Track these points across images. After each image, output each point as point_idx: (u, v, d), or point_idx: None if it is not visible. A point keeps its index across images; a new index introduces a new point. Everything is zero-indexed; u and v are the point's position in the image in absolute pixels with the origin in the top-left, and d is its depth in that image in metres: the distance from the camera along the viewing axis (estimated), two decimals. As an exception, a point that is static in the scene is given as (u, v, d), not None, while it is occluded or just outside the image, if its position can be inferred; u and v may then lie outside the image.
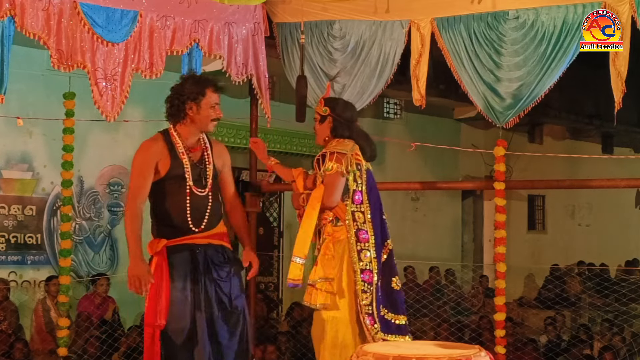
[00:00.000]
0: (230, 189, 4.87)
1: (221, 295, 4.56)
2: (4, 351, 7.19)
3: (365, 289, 4.82)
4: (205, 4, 6.32)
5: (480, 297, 10.73)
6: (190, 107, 4.59)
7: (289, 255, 5.01)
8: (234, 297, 4.61)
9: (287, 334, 8.39)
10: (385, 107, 12.84)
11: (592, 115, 14.31)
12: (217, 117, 4.70)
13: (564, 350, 8.36)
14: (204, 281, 4.54)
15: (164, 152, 4.57)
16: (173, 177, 4.56)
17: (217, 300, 4.55)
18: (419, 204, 13.48)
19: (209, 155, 4.70)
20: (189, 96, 4.59)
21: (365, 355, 3.66)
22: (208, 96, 4.62)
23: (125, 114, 6.39)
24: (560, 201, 15.86)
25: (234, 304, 4.60)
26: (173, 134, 4.63)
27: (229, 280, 4.62)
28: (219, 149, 4.83)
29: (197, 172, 4.62)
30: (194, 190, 4.58)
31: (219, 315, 4.54)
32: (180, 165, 4.58)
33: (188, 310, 4.48)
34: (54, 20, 5.58)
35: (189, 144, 4.65)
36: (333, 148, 4.90)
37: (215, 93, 4.66)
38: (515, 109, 6.26)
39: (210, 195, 4.65)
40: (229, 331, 4.56)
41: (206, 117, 4.63)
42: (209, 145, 4.75)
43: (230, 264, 4.70)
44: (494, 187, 6.46)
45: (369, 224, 4.89)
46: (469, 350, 3.71)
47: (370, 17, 6.66)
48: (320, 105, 5.06)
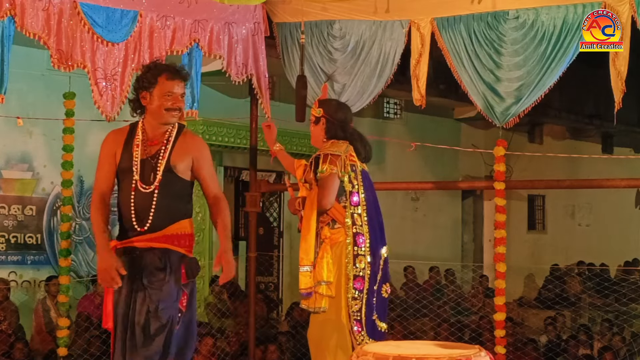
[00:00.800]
0: (207, 185, 4.45)
1: (148, 302, 4.22)
2: (4, 351, 7.18)
3: (355, 296, 4.83)
4: (205, 4, 6.32)
5: (480, 297, 10.72)
6: (144, 96, 4.34)
7: (289, 255, 5.01)
8: (161, 307, 4.21)
9: (287, 334, 8.39)
10: (385, 107, 12.84)
11: (592, 115, 14.32)
12: (173, 107, 4.32)
13: (564, 350, 8.36)
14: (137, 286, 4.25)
15: (120, 144, 4.35)
16: (122, 171, 4.32)
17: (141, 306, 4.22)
18: (419, 204, 13.48)
19: (165, 150, 4.32)
20: (143, 85, 4.34)
21: (365, 355, 3.66)
22: (161, 84, 4.30)
23: (125, 114, 6.37)
24: (560, 201, 15.87)
25: (159, 314, 4.20)
26: (139, 125, 4.39)
27: (159, 287, 4.22)
28: (187, 143, 4.39)
29: (148, 167, 4.28)
30: (139, 186, 4.27)
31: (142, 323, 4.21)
32: (130, 158, 4.31)
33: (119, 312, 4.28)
34: (54, 20, 5.58)
35: (151, 137, 4.35)
36: (327, 150, 4.91)
37: (170, 81, 4.31)
38: (515, 109, 6.26)
39: (156, 192, 4.26)
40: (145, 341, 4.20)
41: (159, 107, 4.30)
42: (173, 139, 4.36)
43: (169, 270, 4.26)
44: (494, 187, 6.46)
45: (366, 227, 4.89)
46: (469, 350, 3.71)
47: (370, 17, 6.66)
48: (315, 107, 5.08)
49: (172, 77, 4.32)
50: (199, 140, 4.50)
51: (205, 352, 7.51)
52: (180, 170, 4.33)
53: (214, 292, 9.54)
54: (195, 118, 6.81)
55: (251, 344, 7.26)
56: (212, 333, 7.91)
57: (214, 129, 9.63)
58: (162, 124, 4.35)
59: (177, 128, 4.40)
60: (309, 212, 4.81)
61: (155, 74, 4.33)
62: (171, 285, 4.25)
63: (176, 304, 4.29)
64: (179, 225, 4.33)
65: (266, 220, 11.28)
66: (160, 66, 4.40)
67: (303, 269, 4.83)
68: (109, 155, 4.36)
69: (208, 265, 10.02)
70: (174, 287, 4.27)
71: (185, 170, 4.35)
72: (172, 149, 4.33)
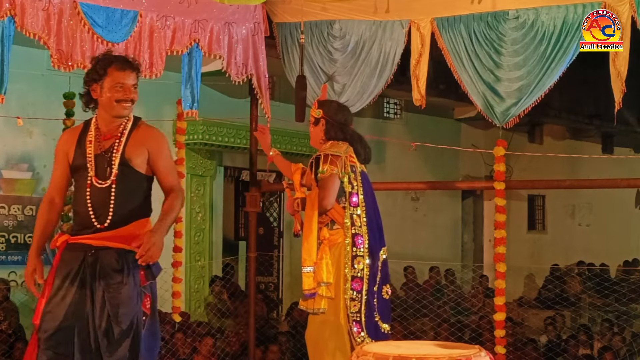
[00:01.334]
0: (163, 177, 4.25)
1: (108, 306, 4.04)
2: (4, 351, 7.19)
3: (354, 297, 4.82)
4: (205, 4, 6.32)
5: (480, 297, 10.72)
6: (95, 89, 4.20)
7: (289, 255, 5.00)
8: (122, 312, 4.04)
9: (287, 334, 8.39)
10: (385, 107, 12.84)
11: (592, 115, 14.31)
12: (125, 99, 4.17)
13: (564, 350, 8.36)
14: (93, 288, 4.06)
15: (72, 142, 4.23)
16: (77, 168, 4.19)
17: (102, 311, 4.04)
18: (419, 204, 13.47)
19: (119, 143, 4.18)
20: (92, 78, 4.20)
21: (365, 355, 3.66)
22: (111, 75, 4.15)
23: (125, 113, 6.38)
24: (560, 201, 15.86)
25: (119, 319, 4.03)
26: (93, 121, 4.26)
27: (118, 291, 4.05)
28: (142, 135, 4.24)
29: (103, 162, 4.15)
30: (94, 182, 4.12)
31: (103, 328, 4.04)
32: (83, 154, 4.17)
33: (62, 313, 4.05)
34: (54, 20, 5.58)
35: (104, 132, 4.21)
36: (327, 150, 4.90)
37: (120, 71, 4.16)
38: (515, 109, 6.26)
39: (113, 187, 4.12)
40: (109, 347, 4.03)
41: (110, 99, 4.16)
42: (128, 132, 4.22)
43: (127, 272, 4.08)
44: (494, 187, 6.46)
45: (365, 228, 4.89)
46: (469, 350, 3.71)
47: (370, 17, 6.66)
48: (314, 108, 5.07)
49: (122, 68, 4.18)
50: (155, 132, 4.33)
51: (205, 352, 7.51)
52: (136, 163, 4.19)
53: (214, 292, 9.54)
54: (195, 118, 6.81)
55: (251, 344, 7.26)
56: (212, 333, 7.91)
57: (214, 129, 9.63)
58: (115, 117, 4.21)
59: (132, 121, 4.27)
60: (310, 212, 4.80)
61: (105, 65, 4.19)
62: (130, 288, 4.08)
63: (138, 307, 4.11)
64: (136, 224, 4.16)
65: (266, 220, 11.28)
66: (109, 57, 4.25)
67: (306, 269, 4.82)
68: (60, 156, 4.27)
69: (208, 265, 10.03)
70: (134, 290, 4.10)
71: (142, 163, 4.20)
72: (127, 142, 4.19)
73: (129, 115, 4.25)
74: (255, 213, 7.28)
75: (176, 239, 7.18)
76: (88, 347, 4.04)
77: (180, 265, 7.23)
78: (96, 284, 4.06)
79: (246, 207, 7.44)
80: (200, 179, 10.07)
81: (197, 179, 10.01)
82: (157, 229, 4.04)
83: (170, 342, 7.52)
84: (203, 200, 10.11)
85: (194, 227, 9.92)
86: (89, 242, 4.11)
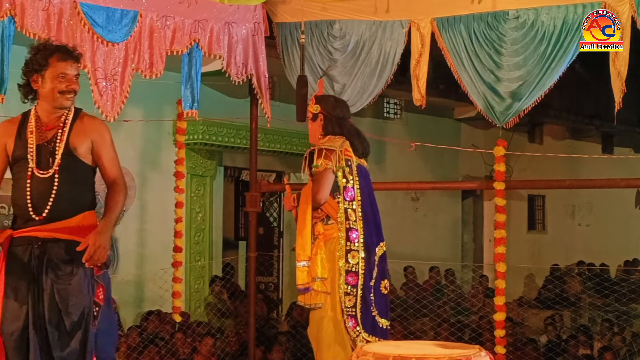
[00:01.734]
0: (107, 169, 4.19)
1: (57, 297, 3.96)
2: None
3: (348, 292, 4.82)
4: (205, 4, 6.32)
5: (480, 297, 10.72)
6: (35, 80, 4.12)
7: (289, 255, 4.99)
8: (72, 303, 3.96)
9: (287, 334, 8.38)
10: (385, 107, 12.84)
11: (592, 115, 14.30)
12: (68, 90, 4.11)
13: (564, 350, 8.36)
14: (42, 281, 3.98)
15: (12, 133, 4.15)
16: (17, 159, 4.10)
17: (51, 303, 3.95)
18: (419, 204, 13.47)
19: (63, 133, 4.10)
20: (33, 68, 4.12)
21: (365, 355, 3.66)
22: (53, 65, 4.08)
23: (125, 114, 6.39)
24: (560, 201, 15.85)
25: (70, 310, 3.95)
26: (32, 112, 4.18)
27: (68, 282, 3.98)
28: (85, 125, 4.18)
29: (45, 152, 4.06)
30: (35, 173, 4.02)
31: (54, 321, 3.96)
32: (24, 145, 4.09)
33: (21, 311, 3.97)
34: (54, 20, 5.58)
35: (46, 122, 4.13)
36: (322, 145, 4.90)
37: (62, 62, 4.10)
38: (515, 109, 6.27)
39: (56, 177, 4.03)
40: (60, 340, 3.95)
41: (52, 90, 4.08)
42: (70, 122, 4.15)
43: (76, 262, 3.99)
44: (494, 187, 6.47)
45: (360, 222, 4.88)
46: (469, 350, 3.71)
47: (370, 17, 6.67)
48: (312, 104, 5.07)
49: (64, 58, 4.12)
50: (98, 123, 4.28)
51: (205, 352, 7.51)
52: (81, 153, 4.12)
53: (214, 292, 9.54)
54: (195, 118, 6.81)
55: (251, 344, 7.26)
56: (212, 333, 7.91)
57: (214, 129, 9.62)
58: (57, 108, 4.14)
59: (74, 111, 4.20)
60: (304, 206, 4.80)
61: (46, 55, 4.11)
62: (80, 278, 4.01)
63: (89, 298, 4.04)
64: (84, 216, 4.09)
65: (266, 220, 11.27)
66: (50, 47, 4.16)
67: (300, 264, 4.83)
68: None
69: (208, 265, 10.02)
70: (85, 280, 4.03)
71: (86, 153, 4.14)
72: (70, 132, 4.12)
73: (71, 106, 4.18)
74: (255, 213, 7.28)
75: (176, 239, 7.18)
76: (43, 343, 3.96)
77: (180, 265, 7.24)
78: (44, 277, 3.98)
79: (246, 207, 7.44)
80: (200, 179, 10.06)
81: (197, 179, 10.01)
82: (102, 228, 3.98)
83: (170, 342, 7.52)
84: (203, 200, 10.11)
85: (194, 227, 9.91)
86: (35, 234, 4.03)
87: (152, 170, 9.37)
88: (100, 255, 3.93)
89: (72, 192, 4.07)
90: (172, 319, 7.63)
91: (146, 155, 9.39)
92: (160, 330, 7.87)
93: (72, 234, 4.01)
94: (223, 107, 9.42)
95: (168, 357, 7.32)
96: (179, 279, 7.20)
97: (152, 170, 9.36)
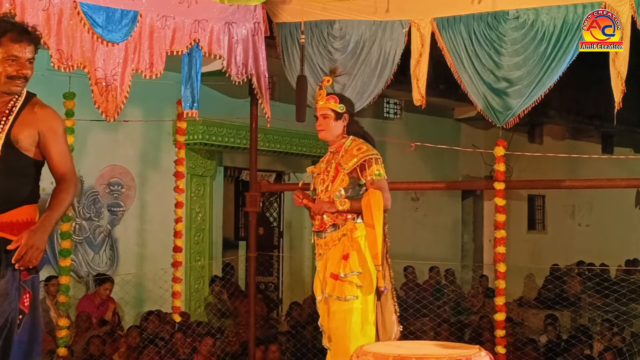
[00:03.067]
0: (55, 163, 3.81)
1: None
2: (4, 351, 7.17)
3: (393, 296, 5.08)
4: (205, 4, 6.32)
5: (480, 297, 10.73)
6: None
7: (289, 255, 4.99)
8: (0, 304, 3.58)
9: (287, 334, 8.39)
10: (385, 107, 12.85)
11: (592, 115, 14.32)
12: (18, 75, 3.65)
13: (564, 350, 8.36)
14: None
15: None
16: None
17: None
18: (419, 204, 13.48)
19: (6, 121, 3.65)
20: None
21: (365, 355, 3.66)
22: (5, 45, 3.62)
23: (125, 114, 6.39)
24: (560, 201, 15.87)
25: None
26: None
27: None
28: (34, 115, 3.72)
29: None
30: None
31: None
32: None
33: None
34: (54, 20, 5.58)
35: None
36: (370, 153, 4.92)
37: (15, 43, 3.63)
38: (515, 109, 6.26)
39: None
40: None
41: (0, 74, 3.64)
42: (17, 110, 3.70)
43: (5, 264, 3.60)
44: (494, 187, 6.46)
45: None
46: (469, 350, 3.70)
47: (370, 17, 6.67)
48: (335, 103, 5.03)
49: (18, 39, 3.64)
50: (49, 112, 3.79)
51: (205, 352, 7.51)
52: (23, 145, 3.69)
53: (214, 292, 9.54)
54: (195, 118, 6.82)
55: (251, 344, 7.26)
56: (212, 333, 7.91)
57: (214, 129, 9.63)
58: (4, 93, 3.69)
59: (24, 97, 3.74)
60: (377, 213, 4.83)
61: None
62: (8, 281, 3.59)
63: (14, 304, 3.62)
64: (20, 210, 3.69)
65: (266, 220, 11.28)
66: (3, 24, 3.69)
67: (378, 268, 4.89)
68: None
69: (207, 265, 10.03)
70: (11, 284, 3.60)
71: (30, 146, 3.71)
72: (15, 121, 3.67)
73: (20, 92, 3.73)
74: (255, 213, 7.28)
75: (176, 239, 7.18)
76: None
77: (180, 265, 7.23)
78: None
79: (246, 207, 7.44)
80: (200, 179, 10.07)
81: (197, 179, 10.02)
82: (38, 227, 3.62)
83: (170, 342, 7.52)
84: (203, 200, 10.11)
85: (194, 227, 9.92)
86: None
87: (152, 170, 9.37)
88: (32, 256, 3.56)
89: (10, 187, 3.67)
90: (172, 319, 7.63)
91: (146, 155, 9.39)
92: (160, 330, 7.87)
93: (4, 230, 3.62)
94: (223, 107, 9.43)
95: (168, 357, 7.32)
96: (179, 279, 7.20)
97: (152, 170, 9.37)
